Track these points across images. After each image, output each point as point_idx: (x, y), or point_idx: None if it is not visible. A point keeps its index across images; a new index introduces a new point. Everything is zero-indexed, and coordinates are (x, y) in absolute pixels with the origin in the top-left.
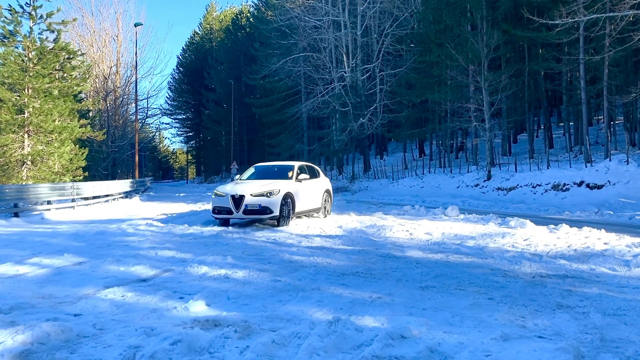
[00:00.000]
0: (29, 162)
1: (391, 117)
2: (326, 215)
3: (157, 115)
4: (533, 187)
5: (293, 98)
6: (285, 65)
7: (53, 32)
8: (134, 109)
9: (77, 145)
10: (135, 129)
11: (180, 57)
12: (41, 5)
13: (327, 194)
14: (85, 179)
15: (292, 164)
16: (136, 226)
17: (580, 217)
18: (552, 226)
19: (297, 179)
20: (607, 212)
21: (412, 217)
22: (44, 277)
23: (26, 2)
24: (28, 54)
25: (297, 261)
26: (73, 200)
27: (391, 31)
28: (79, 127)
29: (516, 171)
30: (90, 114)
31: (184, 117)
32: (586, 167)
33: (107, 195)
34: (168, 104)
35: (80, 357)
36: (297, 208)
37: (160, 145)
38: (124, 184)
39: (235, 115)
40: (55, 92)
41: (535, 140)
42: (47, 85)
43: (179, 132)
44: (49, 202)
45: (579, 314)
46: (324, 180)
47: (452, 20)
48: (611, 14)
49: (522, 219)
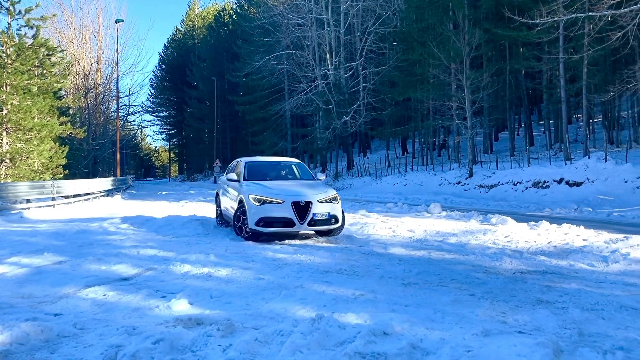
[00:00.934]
0: (7, 160)
1: (374, 115)
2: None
3: (138, 112)
4: (514, 184)
5: (276, 96)
6: (268, 63)
7: (32, 28)
8: (115, 106)
9: (57, 143)
10: (116, 126)
11: (162, 54)
12: (19, 1)
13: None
14: (66, 177)
15: (288, 160)
16: (118, 225)
17: (560, 214)
18: (533, 223)
19: (318, 178)
20: (586, 209)
21: (395, 215)
22: (23, 276)
23: None
24: (6, 50)
25: (280, 259)
26: (53, 199)
27: (374, 29)
28: (59, 125)
29: (497, 169)
30: (71, 111)
31: (166, 114)
32: (566, 164)
33: (88, 194)
34: (150, 101)
35: (61, 357)
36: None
37: (142, 143)
38: (105, 182)
39: (218, 112)
40: (35, 89)
41: (516, 138)
42: (25, 82)
43: (161, 130)
44: (28, 201)
45: (558, 309)
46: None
47: (434, 18)
48: (590, 13)
49: (503, 216)
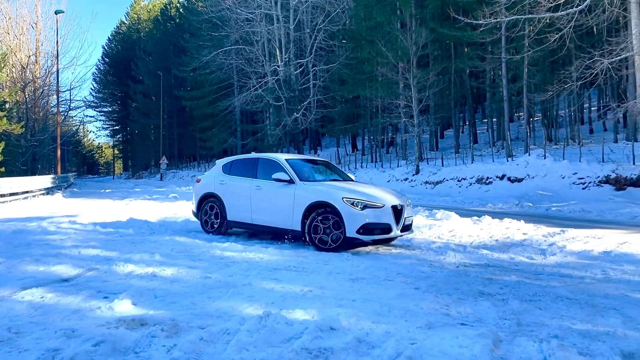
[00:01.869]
0: None
1: (325, 112)
2: None
3: (80, 107)
4: (458, 180)
5: (225, 91)
6: (216, 58)
7: None
8: (56, 100)
9: None
10: (57, 122)
11: (105, 48)
12: None
13: None
14: (2, 175)
15: (319, 159)
16: (58, 224)
17: (502, 208)
18: (476, 218)
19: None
20: (527, 203)
21: None
22: None
23: None
24: None
25: (228, 257)
26: None
27: (324, 27)
28: None
29: (443, 165)
30: (7, 105)
31: (110, 109)
32: (507, 161)
33: (27, 192)
34: (93, 95)
35: None
36: None
37: (85, 140)
38: (45, 180)
39: (164, 108)
40: None
41: (461, 135)
42: None
43: (104, 126)
44: None
45: (498, 301)
46: None
47: (382, 17)
48: (530, 15)
49: (448, 211)
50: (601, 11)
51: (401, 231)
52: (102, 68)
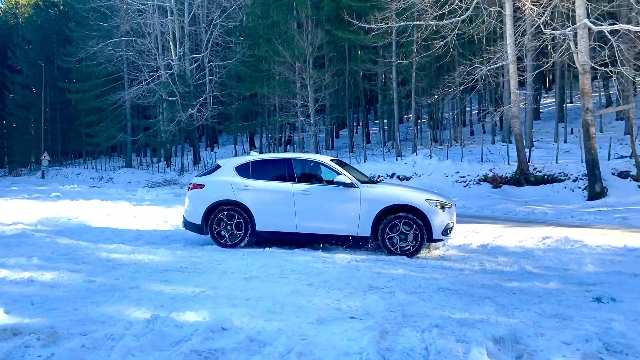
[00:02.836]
0: None
1: (221, 109)
2: None
3: None
4: None
5: (115, 84)
6: (105, 49)
7: None
8: None
9: None
10: None
11: None
12: None
13: None
14: None
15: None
16: None
17: None
18: None
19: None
20: None
21: None
22: None
23: None
24: None
25: (115, 259)
26: None
27: (220, 22)
28: None
29: None
30: None
31: None
32: (397, 160)
33: None
34: None
35: None
36: None
37: None
38: None
39: (46, 100)
40: None
41: (355, 135)
42: None
43: None
44: None
45: (386, 294)
46: None
47: (279, 16)
48: (418, 22)
49: None
50: (481, 22)
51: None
52: None
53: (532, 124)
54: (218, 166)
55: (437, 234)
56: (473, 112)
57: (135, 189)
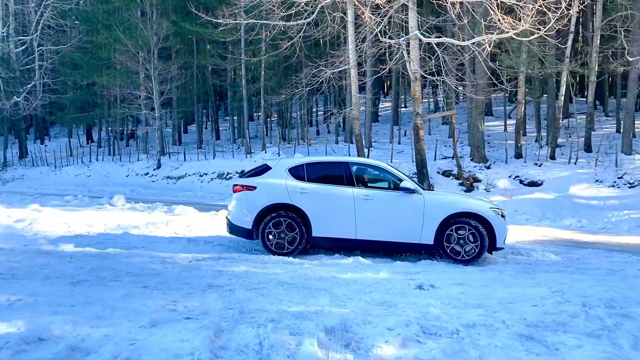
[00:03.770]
0: None
1: (54, 98)
2: None
3: None
4: (201, 175)
5: None
6: None
7: None
8: None
9: None
10: None
11: None
12: None
13: None
14: None
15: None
16: None
17: None
18: (214, 212)
19: None
20: None
21: (74, 208)
22: None
23: None
24: None
25: None
26: None
27: (52, 2)
28: None
29: (185, 160)
30: None
31: None
32: (246, 157)
33: None
34: None
35: None
36: None
37: None
38: None
39: None
40: None
41: (204, 131)
42: None
43: None
44: None
45: (225, 292)
46: None
47: (121, 2)
48: (265, 21)
49: (187, 206)
50: (325, 26)
51: None
52: None
53: (371, 126)
54: (267, 167)
55: (501, 242)
56: (319, 112)
57: None
